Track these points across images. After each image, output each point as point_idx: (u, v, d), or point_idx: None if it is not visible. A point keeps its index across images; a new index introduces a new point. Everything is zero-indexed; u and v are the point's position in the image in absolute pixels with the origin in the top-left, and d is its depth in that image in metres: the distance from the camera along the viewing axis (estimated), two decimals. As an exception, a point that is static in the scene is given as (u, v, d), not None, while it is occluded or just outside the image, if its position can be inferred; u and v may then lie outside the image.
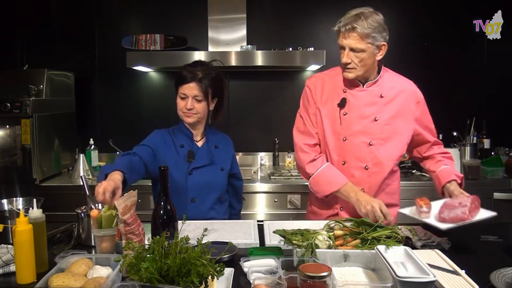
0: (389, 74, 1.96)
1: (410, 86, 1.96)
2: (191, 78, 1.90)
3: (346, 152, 1.89)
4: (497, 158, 3.23)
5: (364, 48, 1.77)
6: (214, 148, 2.03)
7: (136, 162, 1.79)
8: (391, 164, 1.91)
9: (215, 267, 1.10)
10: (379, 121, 1.87)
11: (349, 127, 1.88)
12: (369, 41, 1.76)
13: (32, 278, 1.31)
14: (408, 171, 3.22)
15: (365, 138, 1.87)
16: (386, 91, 1.90)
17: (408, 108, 1.91)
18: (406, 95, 1.91)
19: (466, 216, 1.51)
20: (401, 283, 1.11)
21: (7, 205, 1.71)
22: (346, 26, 1.76)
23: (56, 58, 3.49)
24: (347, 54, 1.79)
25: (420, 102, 1.95)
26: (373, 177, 1.90)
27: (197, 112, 1.93)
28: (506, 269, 1.31)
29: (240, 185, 2.17)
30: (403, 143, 1.93)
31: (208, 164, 1.96)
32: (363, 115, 1.88)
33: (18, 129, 2.90)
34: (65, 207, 2.24)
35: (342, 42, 1.79)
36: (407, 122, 1.91)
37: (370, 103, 1.88)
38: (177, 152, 1.97)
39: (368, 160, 1.88)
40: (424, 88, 1.99)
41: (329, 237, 1.40)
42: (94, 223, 1.48)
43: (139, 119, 3.59)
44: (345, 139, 1.89)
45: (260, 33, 3.45)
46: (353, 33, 1.75)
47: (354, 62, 1.80)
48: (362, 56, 1.78)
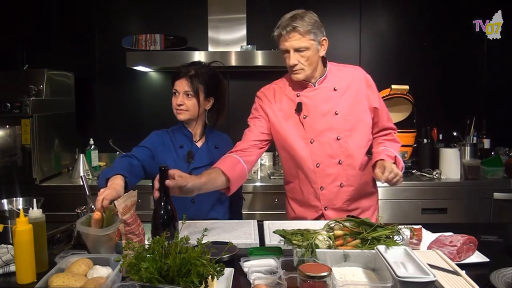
0: (335, 66, 1.97)
1: (358, 72, 1.96)
2: (183, 74, 1.92)
3: (317, 154, 1.89)
4: (497, 158, 3.23)
5: (308, 46, 1.79)
6: (214, 148, 2.03)
7: (135, 165, 1.80)
8: (362, 152, 1.93)
9: (215, 267, 1.10)
10: (339, 114, 1.88)
11: (312, 128, 1.89)
12: (310, 37, 1.79)
13: (32, 278, 1.31)
14: (408, 171, 3.22)
15: (331, 134, 1.88)
16: (338, 83, 1.91)
17: (362, 93, 1.92)
18: (357, 82, 1.92)
19: (453, 257, 1.41)
20: (401, 283, 1.11)
21: (7, 205, 1.71)
22: (286, 28, 1.78)
23: (56, 58, 3.49)
24: (293, 56, 1.80)
25: (371, 86, 1.95)
26: (348, 170, 1.91)
27: (187, 109, 1.92)
28: (506, 269, 1.31)
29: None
30: (368, 129, 1.95)
31: (208, 164, 1.95)
32: (323, 112, 1.88)
33: (18, 129, 2.90)
34: (65, 207, 2.24)
35: (285, 45, 1.81)
36: (365, 107, 1.92)
37: (326, 99, 1.89)
38: (176, 153, 1.97)
39: (340, 154, 1.89)
40: (424, 88, 2.00)
41: (329, 237, 1.40)
42: (94, 224, 1.47)
43: (139, 119, 3.59)
44: (312, 141, 1.89)
45: (260, 33, 3.45)
46: (294, 33, 1.77)
47: (300, 62, 1.81)
48: (307, 54, 1.80)
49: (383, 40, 3.52)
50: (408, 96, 3.14)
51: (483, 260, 1.44)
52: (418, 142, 3.25)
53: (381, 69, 3.44)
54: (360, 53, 3.55)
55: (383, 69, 3.46)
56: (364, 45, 3.55)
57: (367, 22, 3.54)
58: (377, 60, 3.54)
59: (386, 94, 3.08)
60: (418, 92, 3.25)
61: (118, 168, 1.68)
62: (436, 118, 3.40)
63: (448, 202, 3.00)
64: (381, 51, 3.52)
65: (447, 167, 3.08)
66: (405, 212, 2.97)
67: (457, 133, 3.29)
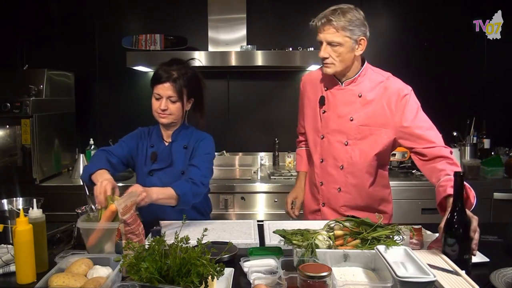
0: (373, 72, 1.90)
1: (394, 84, 1.84)
2: (166, 78, 1.85)
3: (324, 150, 1.92)
4: (497, 158, 3.22)
5: (341, 42, 1.74)
6: (182, 148, 1.95)
7: (113, 163, 1.86)
8: (365, 165, 1.87)
9: (215, 267, 1.10)
10: (354, 121, 1.85)
11: (326, 125, 1.91)
12: (346, 34, 1.73)
13: (32, 278, 1.31)
14: (408, 171, 3.22)
15: (341, 138, 1.88)
16: (365, 91, 1.85)
17: (389, 108, 1.81)
18: (388, 95, 1.82)
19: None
20: (401, 283, 1.11)
21: (7, 205, 1.71)
22: (321, 20, 1.75)
23: (56, 58, 3.49)
24: (325, 48, 1.77)
25: (404, 102, 1.80)
26: (349, 177, 1.89)
27: (171, 113, 1.88)
28: (506, 269, 1.31)
29: (192, 172, 1.83)
30: (380, 145, 1.84)
31: (167, 166, 1.92)
32: (340, 114, 1.88)
33: (18, 129, 2.90)
34: (65, 207, 2.23)
35: (319, 36, 1.78)
36: (385, 123, 1.82)
37: (347, 103, 1.87)
38: (147, 152, 1.97)
39: (344, 159, 1.88)
40: (424, 88, 1.99)
41: (329, 237, 1.40)
42: (108, 217, 1.46)
43: (139, 119, 3.54)
44: (323, 137, 1.92)
45: (260, 33, 3.45)
46: (328, 26, 1.74)
47: (332, 56, 1.78)
48: (340, 50, 1.76)
49: (383, 40, 3.52)
50: (408, 96, 3.14)
51: (483, 260, 1.44)
52: (418, 142, 3.25)
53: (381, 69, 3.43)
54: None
55: (383, 69, 3.44)
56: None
57: (367, 22, 3.51)
58: (377, 60, 3.52)
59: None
60: (418, 92, 3.23)
61: (100, 163, 1.75)
62: (436, 118, 3.39)
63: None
64: (381, 51, 3.52)
65: (447, 167, 3.07)
66: (405, 212, 2.97)
67: (457, 133, 3.29)
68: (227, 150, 3.50)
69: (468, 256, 1.35)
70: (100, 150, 1.90)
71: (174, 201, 1.70)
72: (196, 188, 1.77)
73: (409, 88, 1.86)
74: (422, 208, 2.98)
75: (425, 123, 1.82)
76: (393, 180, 2.96)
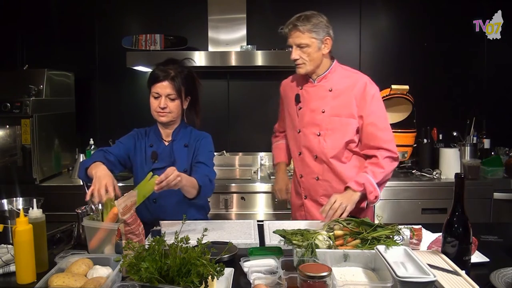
0: (341, 69, 2.07)
1: (361, 79, 2.00)
2: (164, 77, 1.89)
3: (301, 143, 2.09)
4: (497, 158, 3.22)
5: (308, 43, 1.94)
6: (183, 147, 1.97)
7: (111, 161, 1.86)
8: (335, 152, 2.01)
9: (215, 267, 1.10)
10: (326, 113, 2.01)
11: (302, 120, 2.08)
12: (312, 36, 1.93)
13: (32, 278, 1.31)
14: (408, 171, 3.22)
15: (314, 130, 2.04)
16: (336, 85, 2.02)
17: (356, 99, 1.97)
18: (355, 88, 1.98)
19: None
20: (401, 283, 1.11)
21: (7, 205, 1.71)
22: (289, 26, 1.97)
23: (56, 58, 3.49)
24: (295, 51, 1.98)
25: (367, 95, 1.96)
26: (323, 165, 2.04)
27: (170, 111, 1.91)
28: (506, 269, 1.31)
29: (203, 168, 1.90)
30: (351, 133, 1.99)
31: (169, 165, 1.88)
32: (313, 108, 2.04)
33: (18, 129, 2.90)
34: (65, 207, 2.23)
35: (289, 41, 1.99)
36: (353, 113, 1.98)
37: (320, 97, 2.04)
38: (146, 152, 1.98)
39: (317, 149, 2.04)
40: (424, 88, 1.99)
41: (329, 237, 1.40)
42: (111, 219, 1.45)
43: (139, 119, 3.54)
44: (299, 131, 2.09)
45: (260, 33, 3.45)
46: (295, 31, 1.95)
47: (302, 57, 1.97)
48: (308, 50, 1.95)
49: (383, 40, 3.52)
50: (408, 96, 3.14)
51: (483, 260, 1.44)
52: (418, 142, 3.25)
53: (381, 69, 3.44)
54: (360, 53, 3.54)
55: (383, 69, 3.46)
56: (364, 45, 3.54)
57: (367, 22, 3.54)
58: (377, 60, 3.53)
59: (386, 94, 3.07)
60: (418, 92, 3.25)
61: (96, 158, 1.76)
62: (436, 118, 3.40)
63: (448, 202, 2.96)
64: (381, 51, 3.52)
65: (447, 167, 3.08)
66: (405, 212, 2.97)
67: (457, 133, 3.28)
68: (227, 150, 3.50)
69: (468, 257, 1.35)
70: (98, 150, 1.92)
71: (195, 191, 1.77)
72: (210, 184, 1.87)
73: (376, 87, 2.02)
74: (422, 208, 2.98)
75: (381, 123, 1.97)
76: (393, 180, 2.96)
